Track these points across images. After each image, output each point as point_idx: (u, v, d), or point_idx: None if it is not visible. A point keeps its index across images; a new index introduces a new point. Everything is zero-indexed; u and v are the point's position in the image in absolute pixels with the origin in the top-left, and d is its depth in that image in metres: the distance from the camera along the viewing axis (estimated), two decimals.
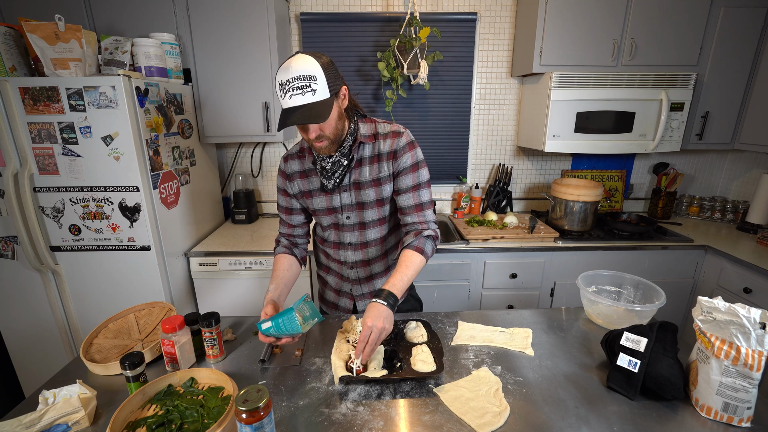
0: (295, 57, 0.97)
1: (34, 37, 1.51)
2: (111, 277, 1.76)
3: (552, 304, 2.14)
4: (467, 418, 0.85)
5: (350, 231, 1.24)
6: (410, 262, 1.11)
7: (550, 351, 1.10)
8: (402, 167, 1.15)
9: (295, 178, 1.22)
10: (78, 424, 0.83)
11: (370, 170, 1.16)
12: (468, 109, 2.45)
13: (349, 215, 1.21)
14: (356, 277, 1.31)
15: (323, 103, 0.97)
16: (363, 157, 1.15)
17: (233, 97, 2.06)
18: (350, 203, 1.20)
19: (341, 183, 1.16)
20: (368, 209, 1.20)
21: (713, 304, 0.84)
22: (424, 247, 1.13)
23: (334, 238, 1.28)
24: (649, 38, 2.03)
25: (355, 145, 1.13)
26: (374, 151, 1.15)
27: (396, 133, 1.15)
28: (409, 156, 1.15)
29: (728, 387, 0.82)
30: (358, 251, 1.27)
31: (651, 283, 1.25)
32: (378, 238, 1.26)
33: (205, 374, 0.90)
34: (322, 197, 1.21)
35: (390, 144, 1.14)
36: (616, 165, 2.58)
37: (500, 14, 2.31)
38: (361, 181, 1.16)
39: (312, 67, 0.95)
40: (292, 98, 0.95)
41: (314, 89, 0.95)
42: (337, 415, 0.87)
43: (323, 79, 0.96)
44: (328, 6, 2.27)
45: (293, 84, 0.94)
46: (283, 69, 0.96)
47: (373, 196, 1.18)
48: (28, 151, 1.58)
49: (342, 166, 1.14)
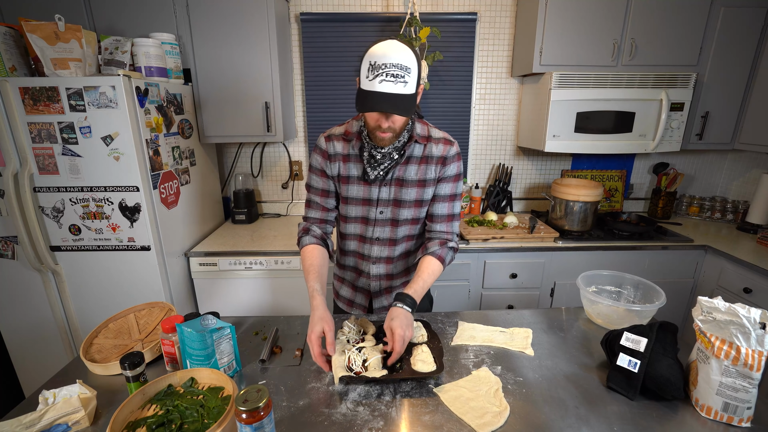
0: (394, 43, 0.95)
1: (34, 37, 1.51)
2: (111, 277, 1.76)
3: (552, 304, 2.14)
4: (467, 418, 0.85)
5: (381, 226, 1.22)
6: (432, 270, 1.13)
7: (550, 351, 1.10)
8: (446, 175, 1.17)
9: (337, 159, 1.18)
10: (78, 424, 0.83)
11: (417, 170, 1.16)
12: (468, 109, 2.45)
13: (383, 210, 1.20)
14: (377, 273, 1.29)
15: (411, 97, 0.97)
16: (412, 156, 1.15)
17: (233, 97, 2.06)
18: (387, 198, 1.19)
19: (385, 177, 1.15)
20: (405, 207, 1.19)
21: (713, 304, 0.84)
22: (445, 258, 1.17)
23: (359, 230, 1.25)
24: (649, 38, 2.03)
25: (409, 143, 1.13)
26: (424, 152, 1.15)
27: (448, 141, 1.17)
28: (455, 166, 1.17)
29: (728, 387, 0.82)
30: (385, 247, 1.25)
31: (651, 283, 1.25)
32: (406, 236, 1.25)
33: (205, 374, 0.90)
34: (360, 186, 1.18)
35: (442, 150, 1.15)
36: (616, 165, 2.58)
37: (500, 14, 2.31)
38: (405, 178, 1.16)
39: (410, 60, 0.94)
40: (383, 84, 0.93)
41: (407, 81, 0.94)
42: (337, 415, 0.87)
43: (416, 73, 0.96)
44: (328, 6, 2.27)
45: (389, 70, 0.92)
46: (378, 51, 0.93)
47: (413, 196, 1.18)
48: (28, 151, 1.58)
49: (392, 160, 1.13)
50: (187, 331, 0.93)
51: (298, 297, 2.05)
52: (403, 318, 1.01)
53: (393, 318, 1.01)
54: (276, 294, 2.04)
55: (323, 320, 1.00)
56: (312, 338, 0.98)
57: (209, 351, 0.94)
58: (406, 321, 1.01)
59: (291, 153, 2.52)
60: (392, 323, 1.00)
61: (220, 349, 0.96)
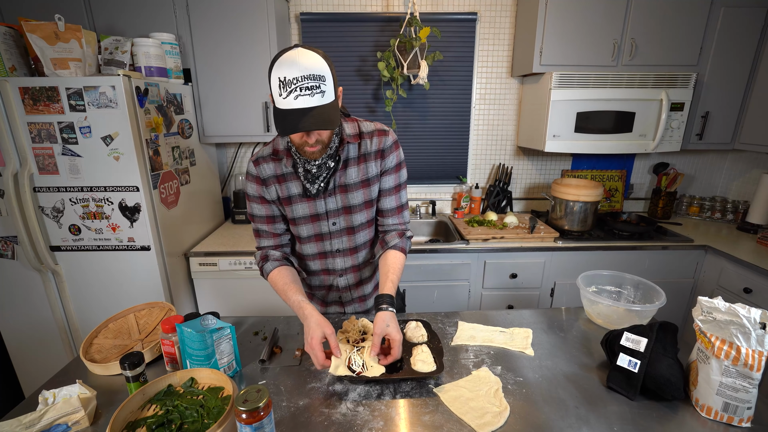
0: (299, 51, 0.85)
1: (33, 37, 1.51)
2: (111, 277, 1.76)
3: (552, 304, 2.14)
4: (467, 418, 0.85)
5: (337, 237, 1.18)
6: (399, 264, 1.12)
7: (550, 351, 1.10)
8: (387, 167, 1.12)
9: (271, 183, 1.11)
10: (78, 425, 0.83)
11: (357, 171, 1.10)
12: (468, 109, 2.45)
13: (335, 221, 1.15)
14: (346, 284, 1.26)
15: (332, 106, 0.89)
16: (348, 158, 1.09)
17: (233, 97, 2.06)
18: (336, 208, 1.13)
19: (327, 187, 1.09)
20: (356, 212, 1.14)
21: (713, 304, 0.84)
22: (406, 247, 1.16)
23: (317, 248, 1.20)
24: (649, 38, 2.03)
25: (341, 146, 1.06)
26: (360, 151, 1.09)
27: (382, 131, 1.10)
28: (394, 156, 1.12)
29: (728, 387, 0.82)
30: (348, 257, 1.21)
31: (651, 283, 1.25)
32: (367, 241, 1.22)
33: (205, 374, 0.90)
34: (304, 204, 1.12)
35: (377, 143, 1.09)
36: (616, 165, 2.58)
37: (500, 14, 2.31)
38: (348, 183, 1.10)
39: (321, 66, 0.86)
40: (299, 99, 0.85)
41: (323, 90, 0.86)
42: (337, 415, 0.87)
43: (331, 79, 0.88)
44: (328, 6, 2.27)
45: (301, 83, 0.84)
46: (285, 64, 0.84)
47: (361, 198, 1.13)
48: (28, 151, 1.58)
49: (329, 169, 1.06)
50: (187, 331, 0.93)
51: None
52: (394, 321, 1.00)
53: (388, 324, 0.98)
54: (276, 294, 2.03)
55: (321, 325, 0.96)
56: (314, 344, 0.94)
57: (209, 351, 0.94)
58: (396, 323, 1.00)
59: None
60: (388, 330, 0.98)
61: (220, 350, 0.96)
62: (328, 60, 0.89)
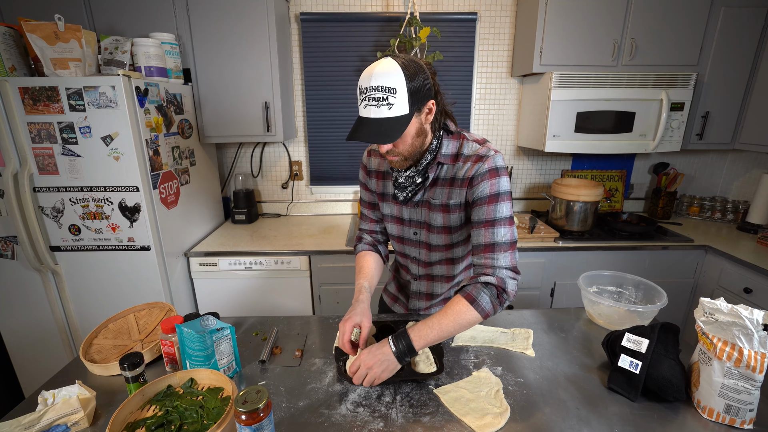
0: (381, 61, 0.87)
1: (33, 37, 1.51)
2: (111, 277, 1.76)
3: (552, 305, 2.14)
4: (468, 419, 0.85)
5: (416, 247, 1.17)
6: (453, 312, 0.93)
7: (550, 352, 1.10)
8: (477, 197, 0.98)
9: (374, 176, 1.17)
10: (77, 425, 0.83)
11: (442, 193, 1.04)
12: (468, 109, 2.45)
13: (416, 231, 1.13)
14: (417, 290, 1.25)
15: (398, 120, 0.87)
16: (439, 178, 1.03)
17: (233, 97, 2.06)
18: (419, 220, 1.11)
19: (413, 198, 1.08)
20: (434, 233, 1.10)
21: (715, 306, 0.83)
22: (477, 298, 0.93)
23: (398, 247, 1.23)
24: (649, 38, 2.03)
25: (433, 164, 1.01)
26: (452, 173, 1.02)
27: (480, 158, 0.98)
28: (488, 185, 0.96)
29: (730, 389, 0.81)
30: (422, 267, 1.20)
31: (652, 284, 1.25)
32: (444, 259, 1.15)
33: (205, 375, 0.90)
34: (393, 205, 1.14)
35: (469, 169, 0.99)
36: (616, 165, 2.58)
37: (500, 14, 2.31)
38: (432, 202, 1.06)
39: (394, 78, 0.85)
40: (367, 108, 0.87)
41: (391, 103, 0.85)
42: (337, 416, 0.86)
43: (404, 92, 0.86)
44: (328, 6, 2.27)
45: (370, 94, 0.86)
46: (366, 73, 0.88)
47: (440, 222, 1.07)
48: (28, 151, 1.58)
49: (415, 184, 1.04)
50: (187, 331, 0.92)
51: (298, 297, 2.05)
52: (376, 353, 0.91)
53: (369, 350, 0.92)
54: (276, 294, 2.04)
55: (364, 315, 1.00)
56: (346, 326, 0.98)
57: (209, 352, 0.94)
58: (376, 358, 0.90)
59: (291, 153, 2.52)
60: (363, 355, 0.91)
61: (219, 350, 0.95)
62: (409, 72, 0.86)
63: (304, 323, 1.25)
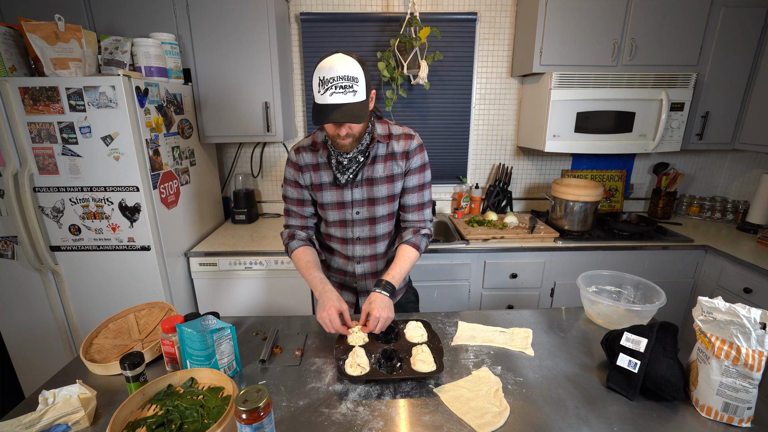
0: (338, 56, 1.02)
1: (33, 37, 1.51)
2: (111, 277, 1.76)
3: (552, 304, 2.14)
4: (467, 418, 0.85)
5: (359, 226, 1.29)
6: (408, 257, 1.23)
7: (550, 351, 1.10)
8: (411, 167, 1.24)
9: (308, 170, 1.26)
10: (78, 425, 0.83)
11: (383, 168, 1.22)
12: (468, 109, 2.45)
13: (359, 210, 1.26)
14: (362, 272, 1.35)
15: (361, 104, 1.04)
16: (377, 155, 1.22)
17: (233, 97, 2.06)
18: (361, 198, 1.25)
19: (355, 179, 1.22)
20: (379, 204, 1.25)
21: (713, 305, 0.84)
22: (420, 244, 1.25)
23: (340, 233, 1.31)
24: (649, 38, 2.03)
25: (372, 144, 1.20)
26: (387, 150, 1.22)
27: (408, 135, 1.24)
28: (418, 158, 1.24)
29: (728, 387, 0.82)
30: (366, 246, 1.32)
31: (651, 283, 1.25)
32: (386, 233, 1.32)
33: (205, 374, 0.90)
34: (333, 191, 1.25)
35: (403, 145, 1.22)
36: (616, 165, 2.58)
37: (500, 14, 2.31)
38: (375, 177, 1.22)
39: (356, 70, 1.02)
40: (333, 96, 1.00)
41: (355, 90, 1.02)
42: (337, 415, 0.87)
43: (363, 81, 1.03)
44: (328, 6, 2.27)
45: (336, 83, 1.00)
46: (325, 65, 1.01)
47: (385, 192, 1.24)
48: (28, 151, 1.58)
49: (358, 163, 1.20)
50: (187, 331, 0.93)
51: (298, 297, 2.05)
52: (379, 302, 1.11)
53: (371, 302, 1.11)
54: (276, 294, 2.04)
55: (340, 301, 1.12)
56: (331, 312, 1.07)
57: (209, 351, 0.94)
58: (381, 303, 1.10)
59: None
60: (370, 306, 1.10)
61: (220, 350, 0.96)
62: (363, 65, 1.05)
63: (304, 323, 1.26)
